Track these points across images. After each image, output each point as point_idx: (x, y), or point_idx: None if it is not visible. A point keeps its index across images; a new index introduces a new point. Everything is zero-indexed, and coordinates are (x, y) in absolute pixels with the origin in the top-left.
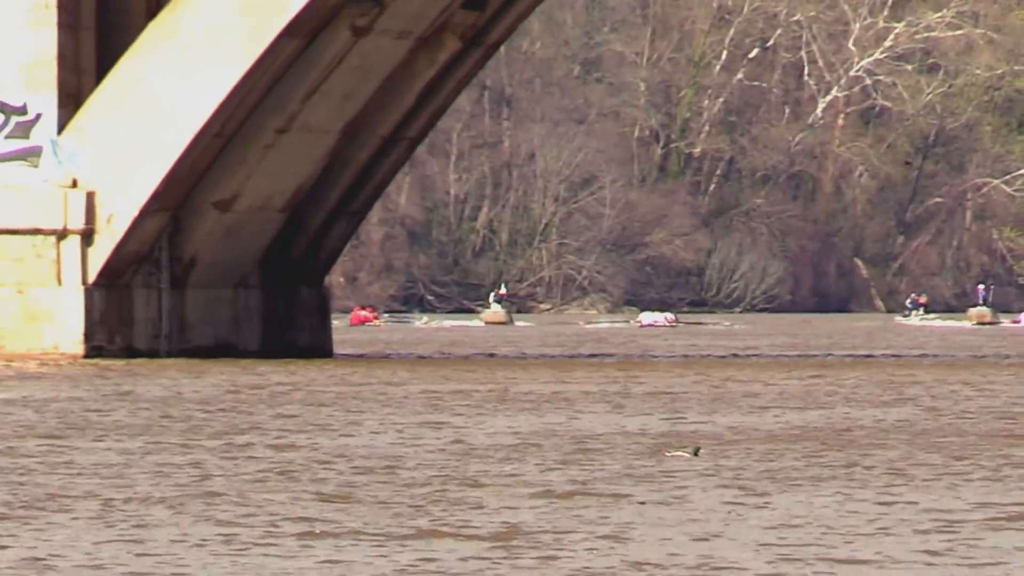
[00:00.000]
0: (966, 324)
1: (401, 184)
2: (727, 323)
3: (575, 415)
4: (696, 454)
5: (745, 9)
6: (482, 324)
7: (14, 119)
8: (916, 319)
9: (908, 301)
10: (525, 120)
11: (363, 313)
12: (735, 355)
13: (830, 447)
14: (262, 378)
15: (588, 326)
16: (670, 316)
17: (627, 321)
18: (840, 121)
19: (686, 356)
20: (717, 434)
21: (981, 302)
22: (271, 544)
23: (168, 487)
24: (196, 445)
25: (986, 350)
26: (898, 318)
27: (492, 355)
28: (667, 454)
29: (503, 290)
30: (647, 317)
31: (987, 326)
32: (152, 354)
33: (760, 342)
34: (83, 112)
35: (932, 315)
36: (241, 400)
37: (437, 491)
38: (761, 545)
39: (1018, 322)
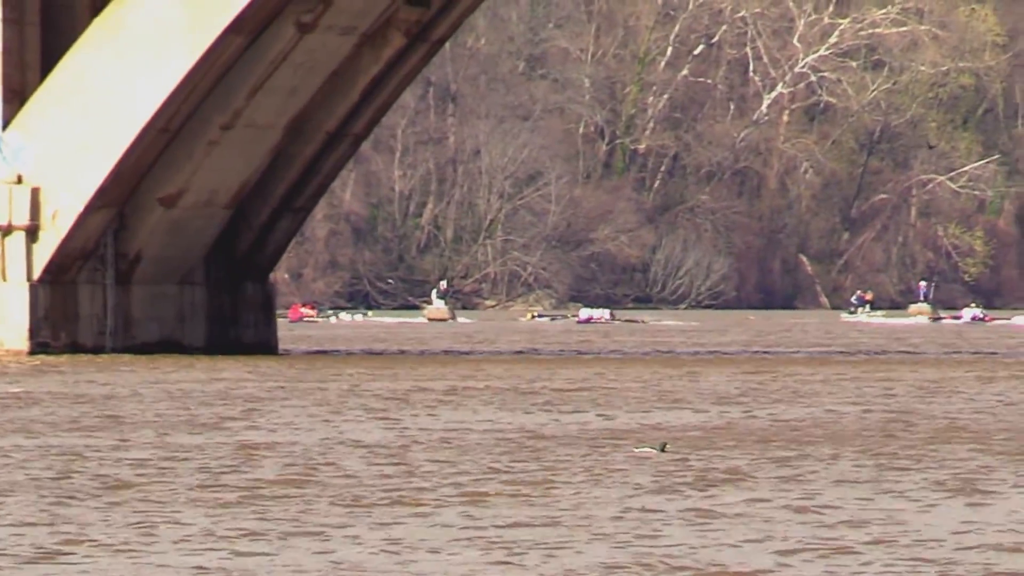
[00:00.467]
0: (906, 321)
1: (346, 180)
2: (655, 320)
3: (528, 411)
4: (663, 450)
5: (690, 5)
6: (425, 320)
7: None
8: (862, 316)
9: (853, 298)
10: (470, 116)
11: (303, 309)
12: (671, 352)
13: (765, 444)
14: (203, 374)
15: (527, 321)
16: (607, 312)
17: (564, 316)
18: (785, 117)
19: (623, 352)
20: (656, 430)
21: (922, 298)
22: (211, 541)
23: (99, 483)
24: (133, 443)
25: (924, 347)
26: (844, 315)
27: (424, 352)
28: (634, 450)
29: (444, 285)
30: (584, 313)
31: (929, 322)
32: (97, 350)
33: (692, 339)
34: (28, 108)
35: (879, 312)
36: (180, 396)
37: (385, 488)
38: (700, 537)
39: (959, 318)
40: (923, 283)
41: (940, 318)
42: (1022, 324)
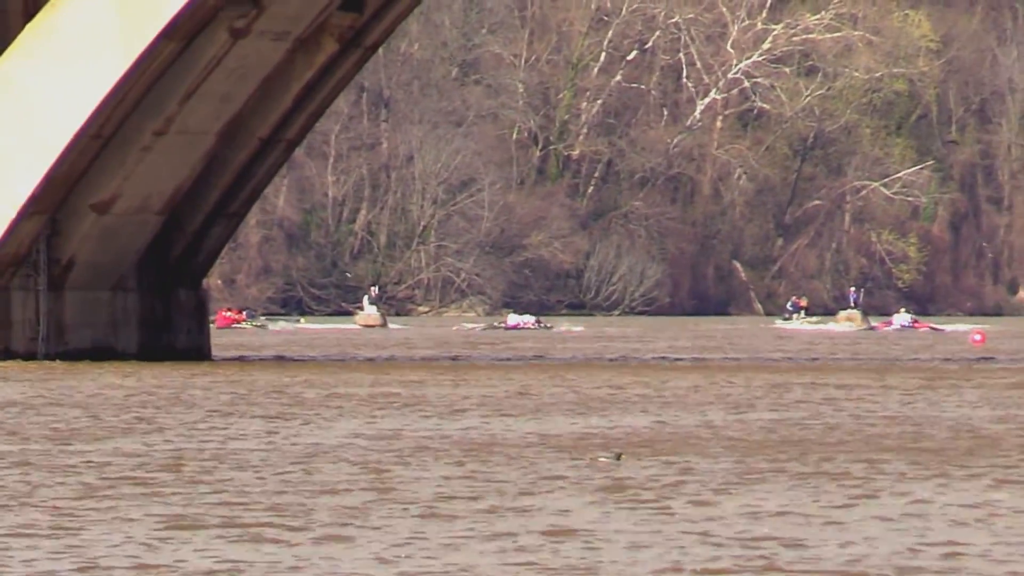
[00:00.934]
0: (836, 327)
1: (279, 186)
2: (579, 327)
3: (457, 418)
4: (619, 459)
5: (623, 11)
6: (357, 327)
7: None
8: (798, 322)
9: (789, 304)
10: (403, 122)
11: (229, 315)
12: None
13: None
14: (134, 380)
15: (453, 328)
16: (533, 319)
17: (493, 324)
18: (718, 123)
19: (540, 358)
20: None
21: (852, 305)
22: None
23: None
24: (63, 450)
25: (841, 354)
26: (779, 321)
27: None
28: (589, 458)
29: (376, 291)
30: (512, 319)
31: (857, 329)
32: (30, 356)
33: (608, 345)
34: None
35: (815, 318)
36: (92, 403)
37: (341, 491)
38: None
39: (889, 324)
40: (852, 289)
41: (872, 327)
42: (954, 331)
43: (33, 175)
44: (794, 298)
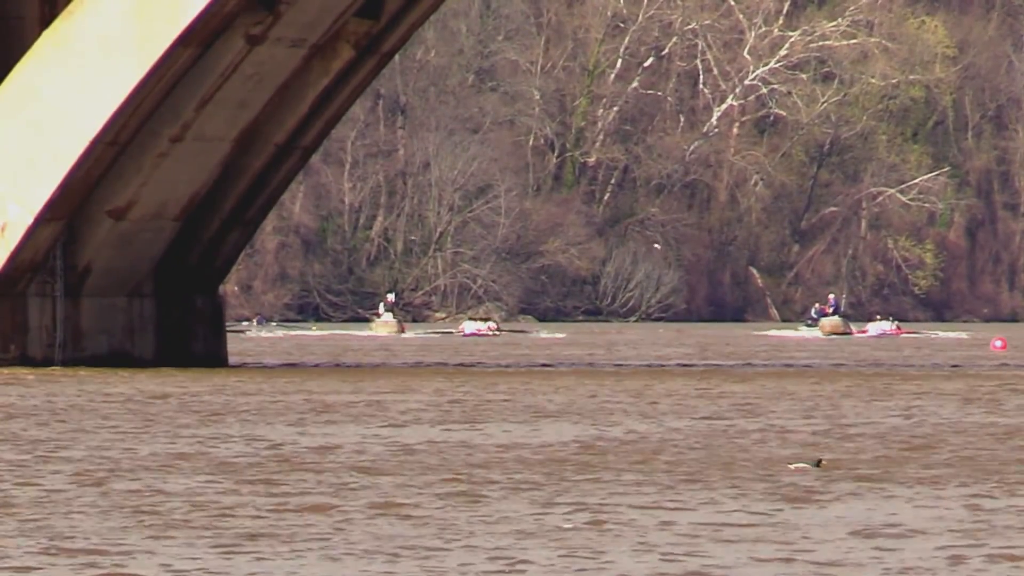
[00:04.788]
0: (806, 334)
1: (295, 193)
2: (545, 332)
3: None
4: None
5: (640, 17)
6: (373, 334)
7: None
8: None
9: (813, 311)
10: (420, 129)
11: None
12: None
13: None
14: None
15: (413, 335)
16: (492, 325)
17: (450, 331)
18: (735, 130)
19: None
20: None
21: (831, 311)
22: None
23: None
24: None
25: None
26: (802, 328)
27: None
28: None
29: (392, 298)
30: (470, 326)
31: (838, 336)
32: (47, 363)
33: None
34: None
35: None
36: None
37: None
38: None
39: (864, 332)
40: (831, 296)
41: (850, 331)
42: (945, 337)
43: (50, 181)
44: (818, 304)
